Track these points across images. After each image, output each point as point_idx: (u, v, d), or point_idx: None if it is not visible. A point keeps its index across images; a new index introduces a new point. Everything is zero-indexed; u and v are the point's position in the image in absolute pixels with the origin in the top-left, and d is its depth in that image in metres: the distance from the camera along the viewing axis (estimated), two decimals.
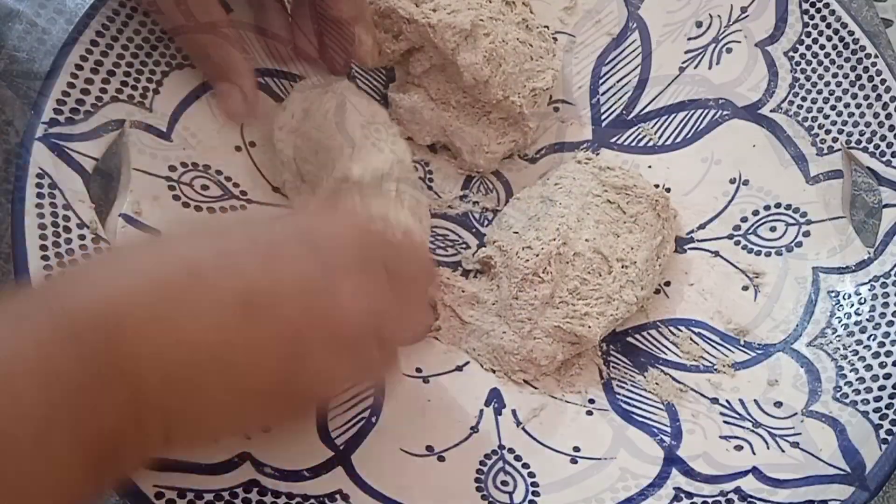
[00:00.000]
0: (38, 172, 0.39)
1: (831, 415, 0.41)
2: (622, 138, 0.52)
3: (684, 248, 0.49)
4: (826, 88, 0.48)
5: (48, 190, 0.39)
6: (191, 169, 0.45)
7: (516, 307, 0.44)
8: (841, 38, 0.48)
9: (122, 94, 0.44)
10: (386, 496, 0.39)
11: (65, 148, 0.41)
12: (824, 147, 0.48)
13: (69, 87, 0.42)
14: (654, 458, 0.42)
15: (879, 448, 0.39)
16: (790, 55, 0.50)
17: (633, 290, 0.45)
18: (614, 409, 0.44)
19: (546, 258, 0.44)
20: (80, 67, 0.42)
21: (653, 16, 0.53)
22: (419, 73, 0.49)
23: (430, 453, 0.41)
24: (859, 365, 0.42)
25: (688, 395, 0.44)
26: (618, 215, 0.47)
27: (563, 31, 0.54)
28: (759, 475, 0.40)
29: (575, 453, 0.42)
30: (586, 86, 0.53)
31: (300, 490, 0.38)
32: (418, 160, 0.50)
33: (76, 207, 0.40)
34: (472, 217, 0.50)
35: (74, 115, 0.42)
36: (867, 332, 0.43)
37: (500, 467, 0.41)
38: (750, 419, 0.42)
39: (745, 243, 0.48)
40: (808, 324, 0.45)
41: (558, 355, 0.44)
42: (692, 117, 0.51)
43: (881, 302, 0.43)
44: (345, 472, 0.39)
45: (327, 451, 0.39)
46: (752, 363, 0.45)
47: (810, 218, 0.47)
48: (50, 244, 0.38)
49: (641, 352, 0.46)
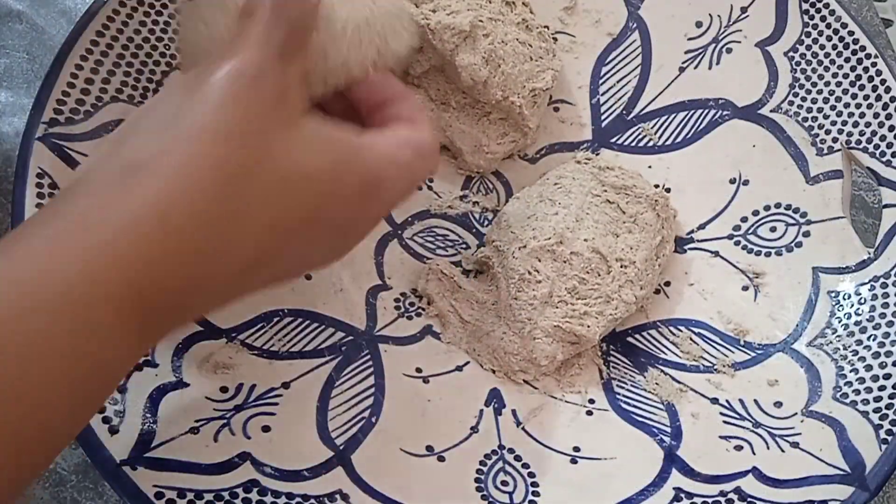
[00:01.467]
0: (38, 172, 0.39)
1: (831, 415, 0.41)
2: (622, 138, 0.52)
3: (684, 248, 0.49)
4: (826, 88, 0.48)
5: (48, 190, 0.39)
6: None
7: (516, 307, 0.44)
8: (841, 38, 0.48)
9: (122, 94, 0.44)
10: (386, 496, 0.39)
11: (65, 148, 0.41)
12: (824, 147, 0.48)
13: (69, 87, 0.42)
14: (654, 458, 0.42)
15: (879, 448, 0.39)
16: (790, 55, 0.50)
17: (632, 289, 0.45)
18: (614, 409, 0.44)
19: (540, 257, 0.44)
20: (80, 67, 0.42)
21: (653, 16, 0.53)
22: (419, 73, 0.49)
23: (430, 453, 0.41)
24: (859, 365, 0.42)
25: (688, 395, 0.44)
26: (617, 215, 0.47)
27: (563, 31, 0.54)
28: (759, 475, 0.40)
29: (575, 453, 0.42)
30: (586, 86, 0.53)
31: (300, 490, 0.38)
32: None
33: None
34: (472, 217, 0.50)
35: (74, 115, 0.42)
36: (867, 332, 0.43)
37: (500, 467, 0.41)
38: (750, 419, 0.42)
39: (745, 243, 0.48)
40: (808, 324, 0.45)
41: (558, 355, 0.44)
42: (692, 117, 0.51)
43: (881, 302, 0.43)
44: (345, 472, 0.39)
45: (327, 451, 0.40)
46: (752, 363, 0.45)
47: (810, 218, 0.47)
48: None
49: (641, 352, 0.46)
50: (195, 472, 0.36)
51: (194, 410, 0.39)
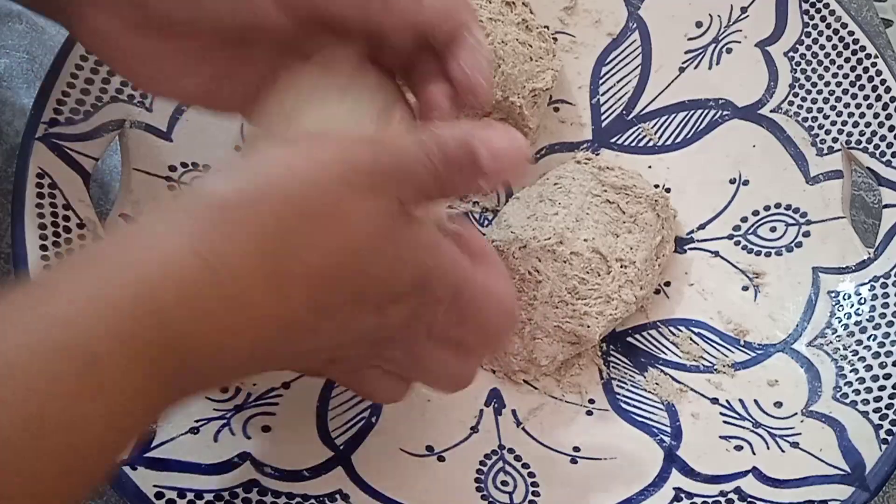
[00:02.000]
0: (38, 172, 0.39)
1: (831, 415, 0.41)
2: (622, 138, 0.52)
3: (684, 249, 0.49)
4: (826, 88, 0.48)
5: (48, 190, 0.39)
6: (191, 169, 0.45)
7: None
8: (841, 38, 0.48)
9: (122, 94, 0.44)
10: (386, 496, 0.39)
11: (65, 148, 0.41)
12: (824, 147, 0.48)
13: (69, 87, 0.42)
14: (654, 458, 0.42)
15: (879, 448, 0.39)
16: (790, 55, 0.50)
17: (632, 289, 0.45)
18: (614, 409, 0.44)
19: (540, 257, 0.44)
20: (80, 67, 0.42)
21: (653, 16, 0.53)
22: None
23: (430, 453, 0.41)
24: (859, 365, 0.42)
25: (688, 395, 0.44)
26: (617, 215, 0.47)
27: (563, 31, 0.54)
28: (759, 475, 0.40)
29: (575, 453, 0.42)
30: (586, 86, 0.53)
31: (300, 490, 0.38)
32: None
33: (76, 207, 0.40)
34: (472, 217, 0.50)
35: (74, 115, 0.42)
36: (867, 332, 0.43)
37: (500, 467, 0.41)
38: (750, 419, 0.42)
39: (745, 243, 0.48)
40: (808, 324, 0.45)
41: (558, 355, 0.44)
42: (692, 117, 0.51)
43: (881, 302, 0.43)
44: (345, 472, 0.39)
45: (327, 451, 0.40)
46: (752, 363, 0.45)
47: (810, 218, 0.47)
48: (50, 244, 0.38)
49: (641, 352, 0.46)
50: (195, 472, 0.36)
51: (194, 410, 0.39)
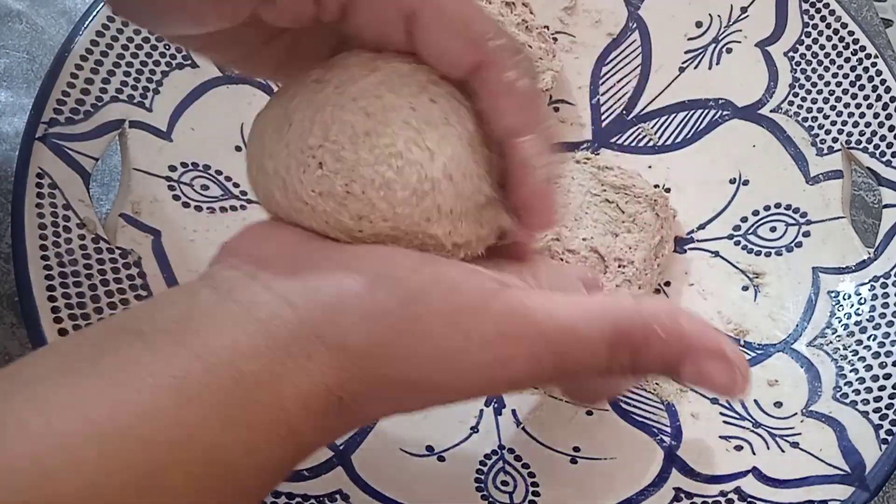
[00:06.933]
0: (38, 172, 0.39)
1: (831, 415, 0.41)
2: (622, 138, 0.52)
3: (684, 249, 0.49)
4: (826, 88, 0.48)
5: (48, 190, 0.39)
6: (191, 169, 0.45)
7: None
8: (841, 38, 0.48)
9: (122, 94, 0.44)
10: (386, 496, 0.39)
11: (65, 148, 0.41)
12: (824, 147, 0.48)
13: (69, 87, 0.42)
14: (654, 458, 0.42)
15: (879, 448, 0.39)
16: (790, 55, 0.50)
17: (630, 289, 0.45)
18: (614, 409, 0.44)
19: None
20: (80, 67, 0.42)
21: (653, 16, 0.53)
22: None
23: (430, 453, 0.41)
24: (859, 365, 0.42)
25: (688, 395, 0.44)
26: (616, 215, 0.47)
27: (563, 31, 0.54)
28: (759, 475, 0.40)
29: (575, 453, 0.42)
30: (586, 86, 0.53)
31: (300, 490, 0.38)
32: None
33: (76, 207, 0.40)
34: None
35: (74, 115, 0.42)
36: (867, 332, 0.43)
37: (500, 467, 0.41)
38: (750, 419, 0.42)
39: (745, 243, 0.48)
40: (808, 324, 0.45)
41: None
42: (692, 117, 0.51)
43: (881, 302, 0.43)
44: (345, 472, 0.39)
45: (327, 451, 0.39)
46: (752, 363, 0.45)
47: (810, 218, 0.47)
48: (50, 244, 0.38)
49: None
50: None
51: None
